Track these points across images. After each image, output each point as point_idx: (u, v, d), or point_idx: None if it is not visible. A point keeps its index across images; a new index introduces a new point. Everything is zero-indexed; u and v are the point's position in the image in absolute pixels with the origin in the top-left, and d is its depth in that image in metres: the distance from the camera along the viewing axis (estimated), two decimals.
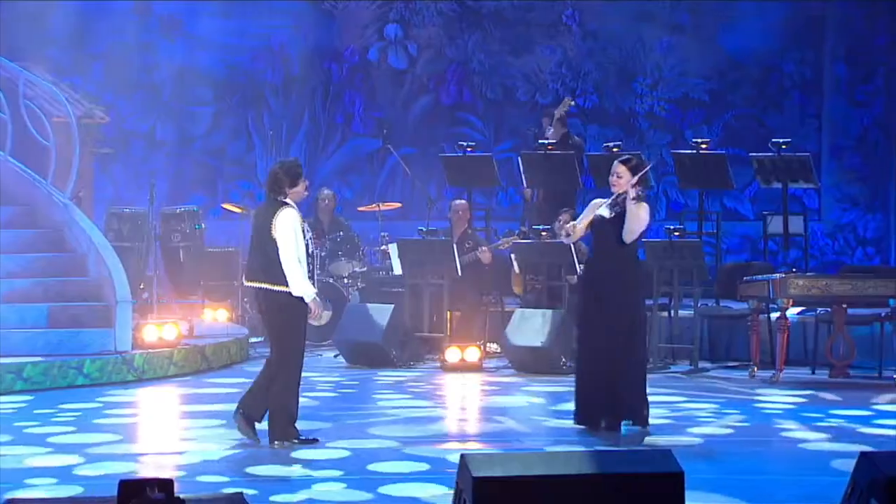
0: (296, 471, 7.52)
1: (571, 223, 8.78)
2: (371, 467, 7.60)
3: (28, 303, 11.37)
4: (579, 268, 10.95)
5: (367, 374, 11.44)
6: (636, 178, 8.49)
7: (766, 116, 16.20)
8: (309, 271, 8.11)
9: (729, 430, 8.93)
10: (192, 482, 7.15)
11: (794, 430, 8.92)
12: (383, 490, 7.08)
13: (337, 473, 7.43)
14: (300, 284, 8.00)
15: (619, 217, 8.49)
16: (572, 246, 10.77)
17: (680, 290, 11.96)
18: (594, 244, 8.78)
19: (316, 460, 7.78)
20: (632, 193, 8.49)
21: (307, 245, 8.13)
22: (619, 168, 8.57)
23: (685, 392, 10.49)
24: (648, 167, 8.78)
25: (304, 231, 8.13)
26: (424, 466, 7.65)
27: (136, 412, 9.77)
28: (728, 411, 9.62)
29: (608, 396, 8.38)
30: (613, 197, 8.54)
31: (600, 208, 8.63)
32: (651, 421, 8.76)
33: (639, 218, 8.48)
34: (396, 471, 7.54)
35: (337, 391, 10.60)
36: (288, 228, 8.02)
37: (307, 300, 8.02)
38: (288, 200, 8.13)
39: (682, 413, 9.54)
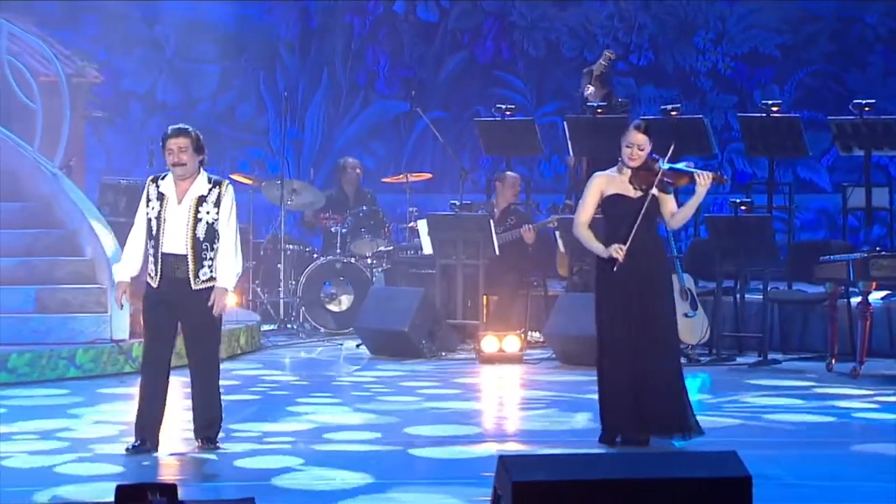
0: (316, 473, 7.55)
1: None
2: (399, 468, 7.62)
3: (12, 285, 11.43)
4: None
5: (392, 366, 11.46)
6: (670, 152, 8.18)
7: (846, 75, 16.09)
8: (154, 247, 7.92)
9: (802, 430, 8.90)
10: (197, 486, 7.18)
11: (876, 431, 8.88)
12: (413, 494, 7.09)
13: (363, 476, 7.45)
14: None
15: (646, 196, 8.08)
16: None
17: (747, 271, 11.90)
18: (612, 229, 8.21)
19: (338, 460, 7.81)
20: (706, 174, 8.07)
21: (149, 219, 7.95)
22: (639, 137, 8.11)
23: (753, 387, 10.46)
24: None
25: (150, 201, 7.95)
26: (459, 468, 7.66)
27: (134, 408, 9.81)
28: (801, 408, 9.58)
29: (653, 408, 8.08)
30: (641, 171, 8.08)
31: (618, 182, 8.13)
32: (714, 420, 8.71)
33: (696, 205, 8.21)
34: (427, 472, 7.55)
35: (358, 385, 10.63)
36: None
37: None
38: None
39: (750, 411, 9.52)
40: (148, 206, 8.00)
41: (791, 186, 13.37)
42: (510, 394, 10.71)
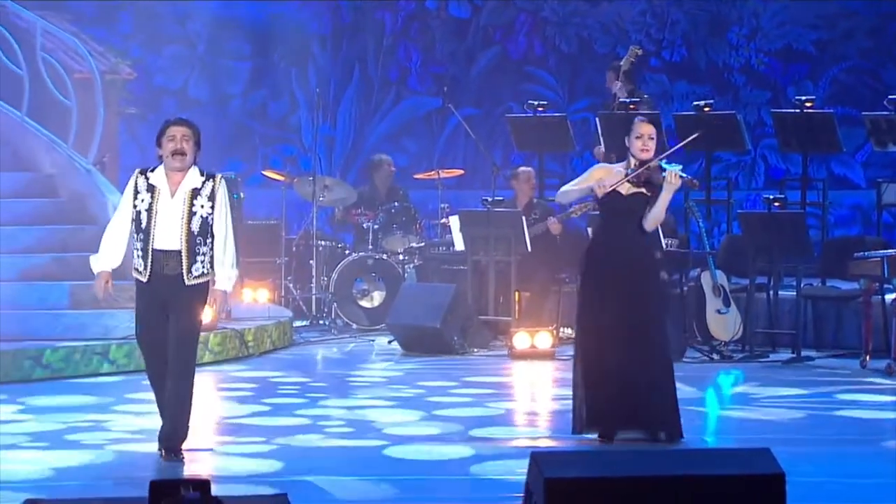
0: (347, 468, 7.59)
1: (593, 184, 8.23)
2: (432, 463, 7.65)
3: (48, 281, 11.51)
4: (665, 242, 10.90)
5: (424, 362, 11.48)
6: (692, 138, 8.21)
7: (882, 70, 16.01)
8: (143, 241, 7.66)
9: (834, 427, 8.88)
10: (230, 482, 7.22)
11: None
12: (445, 490, 7.11)
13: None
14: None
15: (637, 194, 8.10)
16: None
17: (780, 268, 11.87)
18: (608, 218, 8.28)
19: (358, 456, 7.84)
20: (675, 173, 8.00)
21: (138, 212, 7.66)
22: (648, 128, 8.13)
23: (786, 384, 10.43)
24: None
25: (138, 193, 7.65)
26: (490, 464, 7.68)
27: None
28: (834, 405, 9.56)
29: (631, 404, 8.05)
30: (642, 167, 8.06)
31: (620, 177, 8.10)
32: (746, 415, 8.70)
33: (665, 204, 8.15)
34: (459, 469, 7.57)
35: (390, 381, 10.65)
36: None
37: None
38: (161, 164, 7.74)
39: (783, 407, 9.50)
40: (136, 198, 7.66)
41: (825, 182, 13.32)
42: (542, 390, 10.71)
